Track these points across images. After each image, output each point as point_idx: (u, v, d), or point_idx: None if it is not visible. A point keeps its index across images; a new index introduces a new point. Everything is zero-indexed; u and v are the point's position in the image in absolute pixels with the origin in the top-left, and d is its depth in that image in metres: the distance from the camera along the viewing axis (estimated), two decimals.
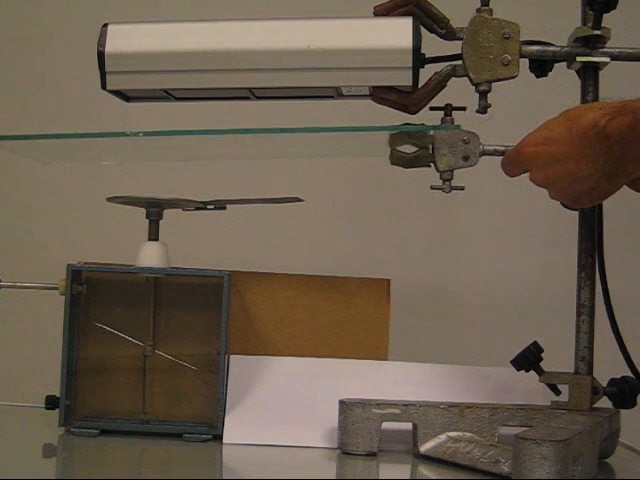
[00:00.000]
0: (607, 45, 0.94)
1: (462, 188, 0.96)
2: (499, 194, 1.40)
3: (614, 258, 0.98)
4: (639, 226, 1.39)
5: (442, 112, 0.95)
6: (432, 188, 0.96)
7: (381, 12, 0.93)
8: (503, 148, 0.95)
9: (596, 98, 0.95)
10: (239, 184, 1.31)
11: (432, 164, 0.97)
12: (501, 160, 0.93)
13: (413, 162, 0.96)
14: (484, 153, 0.96)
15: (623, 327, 0.97)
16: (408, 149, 0.97)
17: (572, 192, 0.87)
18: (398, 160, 0.97)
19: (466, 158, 0.95)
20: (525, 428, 0.90)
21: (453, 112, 0.95)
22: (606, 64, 0.94)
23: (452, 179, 0.96)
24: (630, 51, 0.94)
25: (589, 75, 0.96)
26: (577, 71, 0.97)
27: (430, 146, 0.96)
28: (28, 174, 1.46)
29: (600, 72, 0.96)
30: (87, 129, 0.91)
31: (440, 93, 0.95)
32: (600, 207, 0.97)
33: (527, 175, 0.91)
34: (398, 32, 0.90)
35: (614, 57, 0.94)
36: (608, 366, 0.96)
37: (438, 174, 0.97)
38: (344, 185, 1.45)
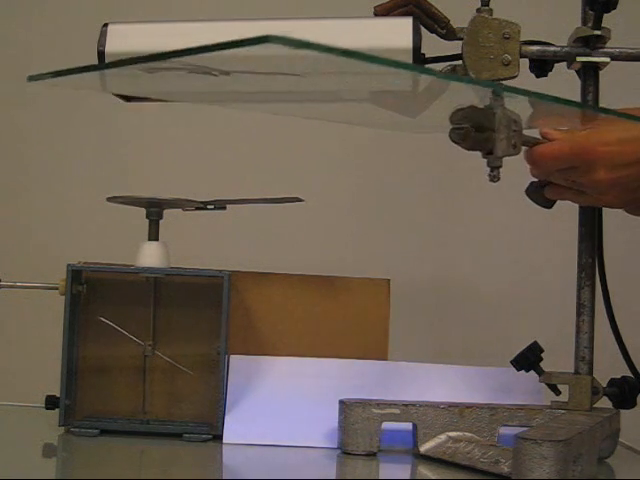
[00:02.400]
0: (607, 45, 0.94)
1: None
2: (499, 194, 1.40)
3: (614, 258, 0.98)
4: (639, 226, 1.39)
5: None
6: (491, 180, 0.80)
7: (381, 12, 0.92)
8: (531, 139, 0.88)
9: (596, 98, 0.95)
10: (239, 184, 1.31)
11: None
12: (536, 153, 0.86)
13: (482, 143, 0.79)
14: None
15: (623, 327, 0.97)
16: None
17: (633, 195, 0.87)
18: (471, 139, 0.79)
19: (514, 146, 0.81)
20: (525, 428, 0.90)
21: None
22: (606, 64, 0.94)
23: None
24: (630, 51, 0.94)
25: (589, 75, 0.96)
26: (577, 71, 0.97)
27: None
28: (28, 173, 1.46)
29: (600, 72, 0.96)
30: (87, 128, 0.92)
31: None
32: (600, 207, 0.96)
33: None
34: (398, 32, 0.90)
35: (614, 57, 0.94)
36: (608, 366, 0.96)
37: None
38: (344, 185, 1.45)
